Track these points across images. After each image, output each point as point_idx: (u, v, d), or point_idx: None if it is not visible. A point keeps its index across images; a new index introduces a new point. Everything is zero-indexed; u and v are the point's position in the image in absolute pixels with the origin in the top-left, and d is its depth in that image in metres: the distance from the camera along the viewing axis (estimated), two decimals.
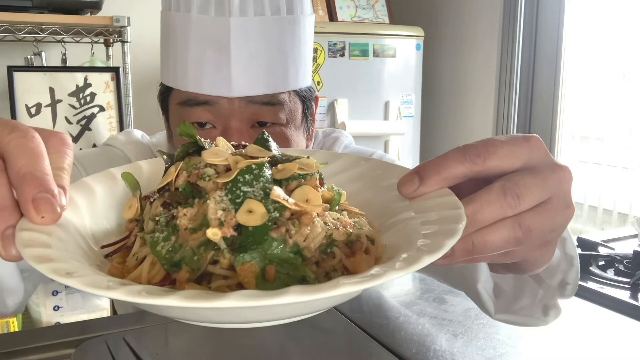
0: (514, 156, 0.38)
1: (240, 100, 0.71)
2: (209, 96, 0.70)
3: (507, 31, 2.36)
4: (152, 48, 2.34)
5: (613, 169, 2.27)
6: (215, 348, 0.72)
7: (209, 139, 0.39)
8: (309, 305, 0.31)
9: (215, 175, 0.34)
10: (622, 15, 2.16)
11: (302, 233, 0.32)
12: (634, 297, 0.89)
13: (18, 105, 1.84)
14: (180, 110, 0.73)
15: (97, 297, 1.96)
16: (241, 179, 0.33)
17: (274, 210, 0.32)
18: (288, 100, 0.74)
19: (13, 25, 1.84)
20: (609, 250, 1.06)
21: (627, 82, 2.18)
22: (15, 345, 0.71)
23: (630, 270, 0.97)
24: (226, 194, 0.32)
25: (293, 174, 0.34)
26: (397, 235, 0.35)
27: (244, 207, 0.31)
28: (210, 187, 0.33)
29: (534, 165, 0.38)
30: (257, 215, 0.31)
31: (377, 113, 2.47)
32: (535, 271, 0.44)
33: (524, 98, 2.39)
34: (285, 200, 0.32)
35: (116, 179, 0.40)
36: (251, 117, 0.72)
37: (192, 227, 0.32)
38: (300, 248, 0.32)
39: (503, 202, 0.36)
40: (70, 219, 0.34)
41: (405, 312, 0.82)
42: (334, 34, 2.34)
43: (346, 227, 0.34)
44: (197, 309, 0.27)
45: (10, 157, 0.31)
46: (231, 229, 0.31)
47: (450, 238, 0.30)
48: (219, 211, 0.31)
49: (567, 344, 0.75)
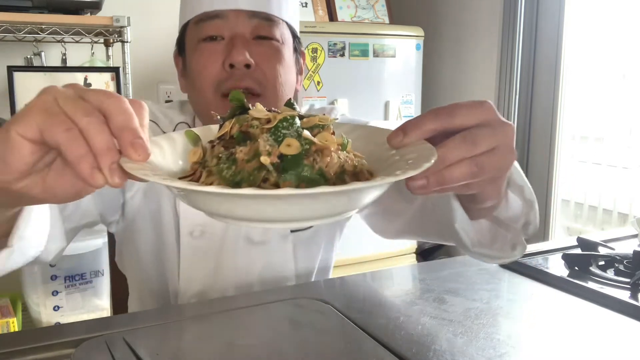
0: (472, 115, 0.52)
1: (244, 14, 0.87)
2: (220, 11, 0.86)
3: (507, 31, 2.37)
4: (152, 48, 2.34)
5: (613, 169, 2.27)
6: (215, 348, 0.72)
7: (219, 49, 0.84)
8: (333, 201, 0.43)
9: (260, 125, 0.47)
10: (622, 15, 2.16)
11: (324, 161, 0.45)
12: (634, 297, 0.89)
13: (18, 105, 1.84)
14: (197, 28, 0.88)
15: (97, 297, 1.96)
16: (281, 125, 0.46)
17: (305, 144, 0.44)
18: (281, 24, 0.90)
19: (13, 25, 1.84)
20: (609, 250, 1.06)
21: (627, 82, 2.19)
22: (15, 345, 0.71)
23: (630, 270, 0.97)
24: (270, 135, 0.45)
25: (316, 123, 0.48)
26: (389, 168, 0.47)
27: (285, 142, 0.44)
28: (258, 133, 0.46)
29: (487, 122, 0.52)
30: (294, 148, 0.44)
31: (377, 113, 2.47)
32: (489, 203, 0.60)
33: (524, 98, 2.39)
34: (311, 139, 0.45)
35: (174, 139, 0.53)
36: (253, 30, 0.87)
37: (247, 158, 0.45)
38: (323, 171, 0.44)
39: (463, 147, 0.50)
40: (153, 160, 0.47)
41: (405, 312, 0.83)
42: (334, 34, 2.34)
43: (353, 161, 0.47)
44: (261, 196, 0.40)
45: (111, 114, 0.43)
46: (276, 157, 0.44)
47: (427, 162, 0.44)
48: (267, 145, 0.44)
49: (567, 344, 0.75)
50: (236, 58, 0.84)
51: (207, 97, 0.86)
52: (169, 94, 2.42)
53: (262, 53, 0.87)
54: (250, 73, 0.85)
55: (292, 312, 0.83)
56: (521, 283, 0.97)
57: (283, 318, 0.81)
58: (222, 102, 0.85)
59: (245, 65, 0.84)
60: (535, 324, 0.81)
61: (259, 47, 0.87)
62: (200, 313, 0.83)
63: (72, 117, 0.43)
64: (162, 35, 2.25)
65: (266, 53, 0.87)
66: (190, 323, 0.68)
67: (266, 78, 0.87)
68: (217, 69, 0.85)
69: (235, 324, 0.79)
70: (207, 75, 0.86)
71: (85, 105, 0.44)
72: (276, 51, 0.88)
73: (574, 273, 0.99)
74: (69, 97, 0.44)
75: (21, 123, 0.43)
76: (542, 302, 0.91)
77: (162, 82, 2.41)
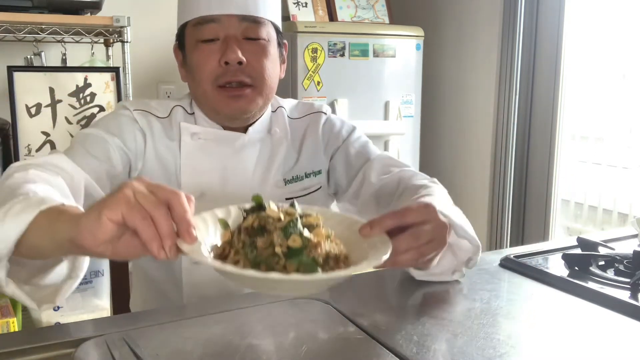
0: (419, 216, 0.75)
1: (236, 18, 1.02)
2: (215, 16, 1.01)
3: (507, 31, 2.37)
4: (152, 48, 2.34)
5: (613, 169, 2.27)
6: (215, 348, 0.72)
7: (215, 49, 1.02)
8: (320, 282, 0.66)
9: (273, 222, 0.67)
10: (622, 15, 2.16)
11: (316, 252, 0.66)
12: (634, 297, 0.89)
13: (18, 105, 1.84)
14: (195, 30, 1.04)
15: (97, 297, 1.96)
16: (289, 226, 0.66)
17: (305, 241, 0.66)
18: (267, 25, 1.06)
19: (13, 25, 1.84)
20: (609, 250, 1.06)
21: (627, 82, 2.19)
22: (15, 345, 0.71)
23: (630, 270, 0.97)
24: (282, 232, 0.66)
25: (311, 223, 0.69)
26: (359, 253, 0.70)
27: (291, 238, 0.65)
28: (273, 229, 0.66)
29: (428, 220, 0.76)
30: (297, 242, 0.65)
31: (377, 113, 2.47)
32: (426, 268, 0.86)
33: (524, 98, 2.39)
34: (309, 236, 0.66)
35: (214, 215, 0.73)
36: (243, 31, 1.03)
37: (264, 247, 0.65)
38: (315, 259, 0.65)
39: (410, 240, 0.74)
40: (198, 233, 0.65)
41: (406, 312, 0.83)
42: (334, 34, 2.34)
43: (334, 250, 0.68)
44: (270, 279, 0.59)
45: (173, 207, 0.61)
46: (285, 247, 0.64)
47: (385, 255, 0.67)
48: (279, 239, 0.65)
49: (567, 344, 0.75)
50: (230, 57, 1.00)
51: (206, 89, 1.03)
52: (169, 94, 2.42)
53: (252, 51, 1.03)
54: (242, 69, 1.02)
55: (292, 312, 0.83)
56: (521, 283, 0.97)
57: (283, 318, 0.81)
58: (218, 92, 1.03)
59: (238, 62, 1.00)
60: (535, 324, 0.81)
61: (249, 46, 1.03)
62: (201, 313, 0.83)
63: (146, 208, 0.60)
64: (162, 35, 2.25)
65: (255, 51, 1.03)
66: (190, 323, 0.68)
67: (256, 72, 1.03)
68: (214, 65, 1.01)
69: (235, 324, 0.79)
70: (205, 70, 1.02)
71: (154, 199, 0.61)
72: (263, 49, 1.05)
73: (574, 273, 0.99)
74: (143, 192, 0.61)
75: (110, 210, 0.59)
76: (542, 302, 0.91)
77: (162, 82, 2.41)
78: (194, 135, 1.08)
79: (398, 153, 2.46)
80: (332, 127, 1.18)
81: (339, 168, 1.17)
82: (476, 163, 2.56)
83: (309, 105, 1.22)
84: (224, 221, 0.73)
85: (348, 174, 1.15)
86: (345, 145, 1.17)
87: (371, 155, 1.14)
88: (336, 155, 1.17)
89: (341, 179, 1.17)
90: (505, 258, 1.05)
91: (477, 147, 2.55)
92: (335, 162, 1.17)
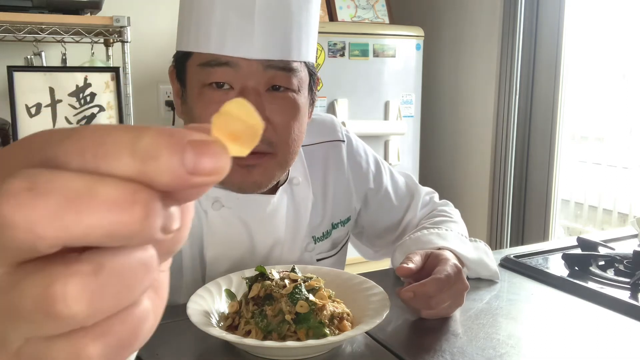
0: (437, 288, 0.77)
1: (259, 63, 0.77)
2: (230, 57, 0.77)
3: (507, 31, 2.36)
4: (152, 48, 2.34)
5: (613, 169, 2.27)
6: (215, 348, 0.72)
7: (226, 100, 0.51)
8: (333, 344, 0.70)
9: (279, 289, 0.71)
10: (622, 15, 2.16)
11: (322, 314, 0.70)
12: (634, 297, 0.89)
13: (18, 105, 1.84)
14: (201, 71, 0.79)
15: None
16: (294, 292, 0.70)
17: (311, 305, 0.69)
18: (300, 69, 0.82)
19: (13, 25, 1.83)
20: (609, 250, 1.06)
21: (627, 82, 2.18)
22: None
23: (630, 270, 0.97)
24: (288, 298, 0.69)
25: (313, 286, 0.73)
26: (357, 305, 0.76)
27: (298, 304, 0.69)
28: (279, 295, 0.70)
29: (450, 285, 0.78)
30: (305, 308, 0.69)
31: (377, 113, 2.47)
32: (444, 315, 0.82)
33: (524, 98, 2.39)
34: (314, 300, 0.70)
35: (219, 286, 0.79)
36: (268, 80, 0.79)
37: (274, 314, 0.69)
38: (322, 321, 0.69)
39: (431, 305, 0.78)
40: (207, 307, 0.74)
41: (406, 312, 0.83)
42: (334, 34, 2.34)
43: (337, 309, 0.72)
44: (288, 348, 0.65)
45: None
46: (293, 314, 0.68)
47: (386, 310, 0.72)
48: (287, 306, 0.69)
49: (567, 344, 0.75)
50: None
51: None
52: (169, 94, 2.41)
53: (276, 109, 0.80)
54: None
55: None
56: (521, 283, 0.97)
57: None
58: None
59: None
60: (535, 324, 0.81)
61: (273, 100, 0.80)
62: None
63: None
64: (162, 35, 2.25)
65: (280, 109, 0.80)
66: (190, 323, 0.68)
67: (278, 136, 0.81)
68: None
69: None
70: None
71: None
72: (292, 105, 0.82)
73: (574, 273, 0.99)
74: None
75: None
76: (542, 302, 0.91)
77: (162, 82, 2.41)
78: (215, 203, 0.87)
79: (398, 153, 2.46)
80: (357, 162, 1.03)
81: (375, 216, 1.05)
82: (476, 163, 2.56)
83: (319, 126, 1.01)
84: (230, 291, 0.76)
85: (389, 218, 1.05)
86: (377, 186, 1.04)
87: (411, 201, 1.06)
88: (370, 199, 1.04)
89: (377, 224, 1.06)
90: (505, 258, 1.05)
91: (477, 147, 2.55)
92: (369, 206, 1.04)
